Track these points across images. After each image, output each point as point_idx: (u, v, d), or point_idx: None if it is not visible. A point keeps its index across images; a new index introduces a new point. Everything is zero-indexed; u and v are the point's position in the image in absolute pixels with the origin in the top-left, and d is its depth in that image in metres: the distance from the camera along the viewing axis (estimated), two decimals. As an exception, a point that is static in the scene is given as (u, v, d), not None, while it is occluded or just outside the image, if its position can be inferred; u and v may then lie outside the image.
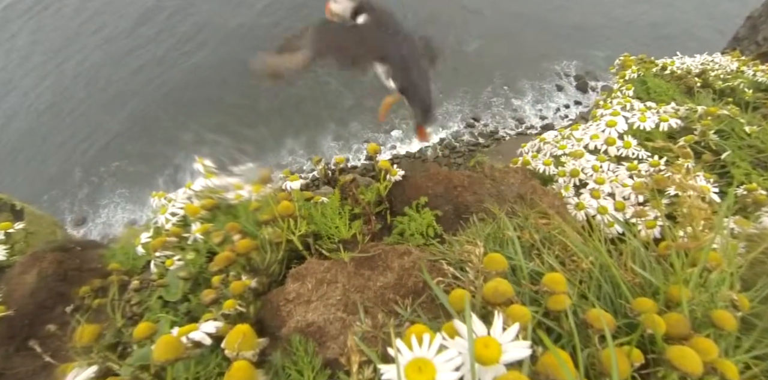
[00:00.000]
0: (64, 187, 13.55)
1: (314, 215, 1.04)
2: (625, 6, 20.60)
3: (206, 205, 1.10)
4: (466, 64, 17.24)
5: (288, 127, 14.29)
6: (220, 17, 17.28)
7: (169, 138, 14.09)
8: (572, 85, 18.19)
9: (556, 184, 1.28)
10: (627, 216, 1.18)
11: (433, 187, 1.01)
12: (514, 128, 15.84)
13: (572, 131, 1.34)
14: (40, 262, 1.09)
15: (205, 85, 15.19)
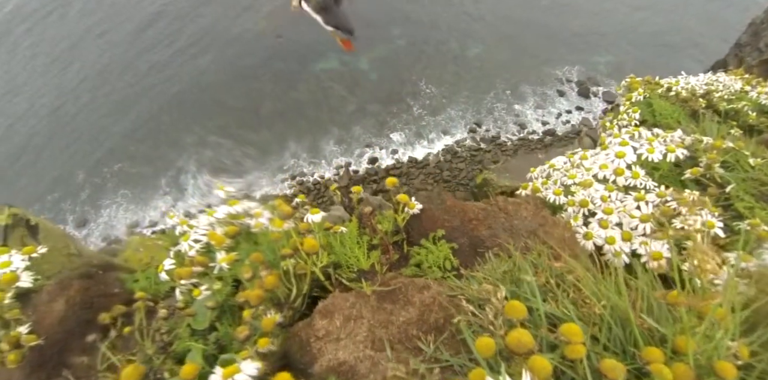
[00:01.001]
0: (67, 189, 13.63)
1: (334, 245, 1.08)
2: (626, 13, 20.75)
3: (229, 233, 1.15)
4: (468, 69, 17.36)
5: (291, 131, 14.38)
6: (224, 22, 17.46)
7: (172, 140, 14.19)
8: (574, 90, 18.27)
9: (565, 213, 1.33)
10: (634, 246, 1.22)
11: (449, 220, 1.05)
12: (516, 133, 15.91)
13: (582, 160, 1.39)
14: (67, 290, 1.13)
15: (208, 89, 15.31)
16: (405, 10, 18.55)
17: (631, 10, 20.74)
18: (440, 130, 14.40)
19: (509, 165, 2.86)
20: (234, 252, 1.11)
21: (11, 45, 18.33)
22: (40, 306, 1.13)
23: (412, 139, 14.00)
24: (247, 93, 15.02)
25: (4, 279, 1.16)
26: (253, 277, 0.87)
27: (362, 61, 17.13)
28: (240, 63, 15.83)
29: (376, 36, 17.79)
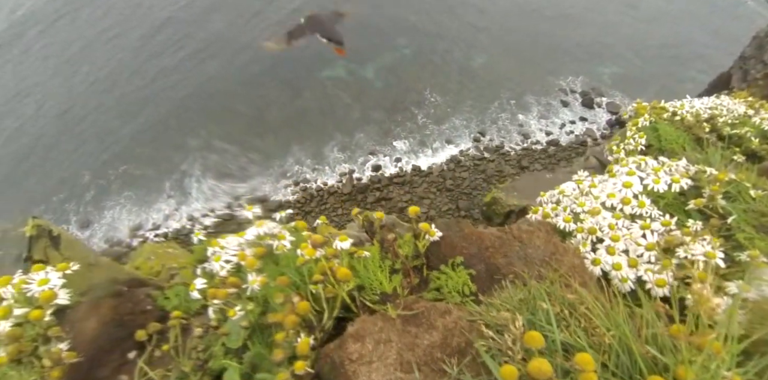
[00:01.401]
0: (72, 190, 13.81)
1: (358, 268, 1.16)
2: (631, 25, 21.08)
3: (258, 254, 1.23)
4: (472, 78, 17.62)
5: (295, 137, 14.58)
6: (233, 29, 17.89)
7: (177, 144, 14.40)
8: (578, 101, 18.46)
9: (574, 239, 1.41)
10: (640, 273, 1.30)
11: (467, 247, 1.13)
12: (519, 143, 16.05)
13: (590, 188, 1.47)
14: (99, 309, 1.20)
15: (215, 95, 15.60)
16: (411, 20, 18.96)
17: (636, 22, 21.08)
18: (444, 139, 14.55)
19: (517, 184, 2.94)
20: (263, 274, 1.19)
21: (23, 47, 18.77)
22: (73, 324, 1.20)
23: (416, 147, 14.15)
24: (254, 99, 15.30)
25: (44, 297, 1.22)
26: (285, 302, 0.95)
27: (368, 69, 17.45)
28: (247, 69, 16.16)
29: (382, 45, 18.15)
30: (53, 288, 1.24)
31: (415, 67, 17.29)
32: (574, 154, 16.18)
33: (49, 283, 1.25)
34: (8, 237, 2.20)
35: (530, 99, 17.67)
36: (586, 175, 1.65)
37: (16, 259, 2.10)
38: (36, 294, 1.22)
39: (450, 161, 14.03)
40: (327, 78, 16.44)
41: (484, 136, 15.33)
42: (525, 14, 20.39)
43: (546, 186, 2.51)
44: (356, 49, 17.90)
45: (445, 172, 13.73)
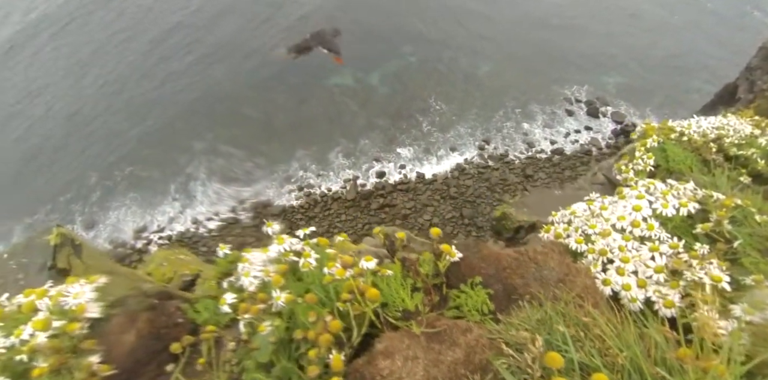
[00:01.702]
0: (79, 190, 13.99)
1: (381, 286, 1.23)
2: (636, 35, 21.28)
3: (281, 270, 1.30)
4: (478, 87, 17.81)
5: (300, 143, 14.77)
6: (243, 35, 18.27)
7: (184, 147, 14.61)
8: (583, 110, 18.55)
9: (585, 260, 1.48)
10: (648, 294, 1.36)
11: (485, 268, 1.20)
12: (524, 152, 16.12)
13: (601, 210, 1.55)
14: (136, 323, 1.26)
15: (223, 99, 15.87)
16: (417, 29, 19.29)
17: (641, 32, 21.29)
18: (449, 147, 14.67)
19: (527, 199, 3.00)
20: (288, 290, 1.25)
21: (35, 48, 19.20)
22: (109, 336, 1.26)
23: (421, 154, 14.26)
24: (261, 104, 15.54)
25: (78, 310, 1.27)
26: (318, 320, 1.02)
27: (374, 76, 17.71)
28: (255, 75, 16.46)
29: (388, 52, 18.45)
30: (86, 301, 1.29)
31: (421, 74, 17.54)
32: (578, 163, 16.21)
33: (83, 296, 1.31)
34: (33, 245, 2.29)
35: (535, 108, 17.82)
36: (597, 196, 1.72)
37: (41, 267, 2.18)
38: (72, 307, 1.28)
39: (454, 169, 14.12)
40: (334, 85, 16.71)
41: (489, 144, 15.44)
42: (530, 24, 20.70)
43: (555, 202, 2.58)
44: (363, 56, 18.21)
45: (449, 179, 13.81)
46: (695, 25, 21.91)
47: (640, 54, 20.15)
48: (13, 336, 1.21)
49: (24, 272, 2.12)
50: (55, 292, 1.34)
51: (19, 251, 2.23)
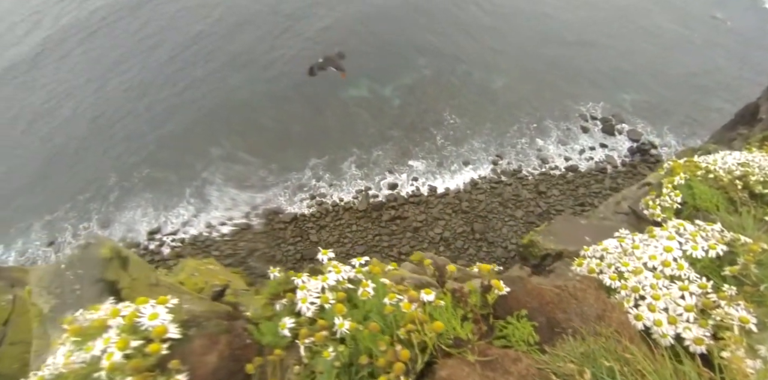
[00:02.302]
0: (98, 190, 14.51)
1: (435, 315, 1.38)
2: (655, 53, 21.34)
3: (339, 298, 1.45)
4: (492, 101, 18.06)
5: (314, 152, 15.13)
6: (263, 45, 19.02)
7: (201, 153, 15.10)
8: (598, 127, 18.56)
9: (618, 295, 1.60)
10: (679, 330, 1.47)
11: (529, 301, 1.35)
12: (537, 167, 16.16)
13: (633, 249, 1.68)
14: (217, 344, 1.37)
15: (241, 107, 16.46)
16: (432, 42, 19.82)
17: (660, 50, 21.36)
18: (462, 161, 14.83)
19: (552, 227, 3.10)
20: (349, 318, 1.40)
21: (64, 52, 20.25)
22: (192, 357, 1.36)
23: (434, 167, 14.45)
24: (277, 113, 16.05)
25: (157, 332, 1.33)
26: (387, 349, 1.16)
27: (387, 88, 18.15)
28: (273, 84, 17.06)
29: (403, 65, 18.94)
30: (164, 323, 1.37)
31: (435, 87, 17.91)
32: (593, 181, 16.15)
33: (158, 318, 1.37)
34: (88, 257, 2.47)
35: (549, 123, 17.92)
36: (627, 233, 1.86)
37: (96, 279, 2.35)
38: (149, 328, 1.36)
39: (467, 183, 14.23)
40: (348, 96, 17.19)
41: (502, 159, 15.55)
42: (544, 39, 21.05)
43: (581, 232, 2.71)
44: (377, 68, 18.72)
45: (462, 193, 13.91)
46: (715, 43, 21.95)
47: (658, 71, 20.20)
48: (84, 350, 1.28)
49: (80, 283, 2.29)
50: (128, 312, 1.42)
51: (76, 262, 2.41)
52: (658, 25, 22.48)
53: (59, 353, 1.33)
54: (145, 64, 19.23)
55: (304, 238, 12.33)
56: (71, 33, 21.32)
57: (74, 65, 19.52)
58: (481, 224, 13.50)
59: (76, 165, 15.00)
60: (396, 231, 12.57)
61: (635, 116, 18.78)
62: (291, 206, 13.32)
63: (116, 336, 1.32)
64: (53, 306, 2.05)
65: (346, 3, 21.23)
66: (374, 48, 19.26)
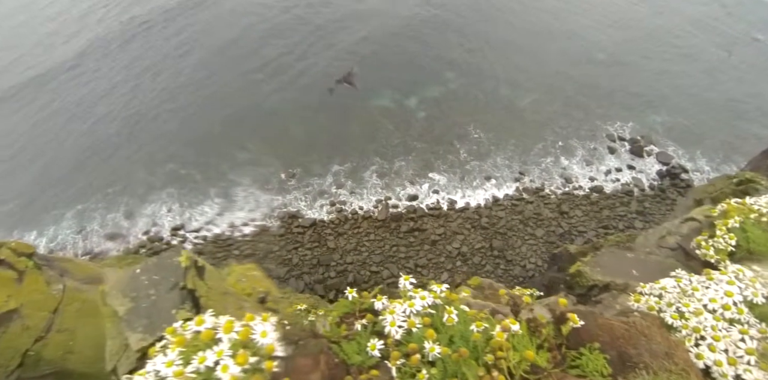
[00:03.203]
0: (127, 184, 15.29)
1: (513, 343, 1.55)
2: (695, 77, 20.82)
3: (426, 323, 1.62)
4: (517, 118, 18.10)
5: (337, 159, 15.53)
6: (293, 55, 19.79)
7: (227, 154, 15.76)
8: (626, 148, 18.23)
9: (678, 333, 1.72)
10: (739, 371, 1.58)
11: (601, 335, 1.49)
12: (560, 187, 15.98)
13: (693, 290, 1.80)
14: (319, 364, 1.45)
15: (268, 113, 17.12)
16: (460, 57, 20.18)
17: (698, 73, 20.81)
18: (484, 176, 14.88)
19: (599, 259, 3.17)
20: (438, 342, 1.55)
21: (105, 53, 21.63)
22: (298, 375, 1.44)
23: (455, 181, 14.56)
24: (302, 120, 16.63)
25: (269, 350, 1.39)
26: (484, 375, 1.33)
27: (412, 100, 18.52)
28: (300, 92, 17.72)
29: (429, 78, 19.32)
30: (274, 341, 1.43)
31: (461, 101, 18.16)
32: (618, 203, 15.82)
33: (268, 336, 1.43)
34: (163, 264, 2.72)
35: (575, 143, 17.78)
36: (683, 273, 1.98)
37: (173, 286, 2.57)
38: (263, 346, 1.42)
39: (488, 199, 14.25)
40: (374, 106, 17.65)
41: (525, 176, 15.49)
42: (575, 58, 21.07)
43: (628, 265, 2.81)
44: (403, 80, 19.14)
45: (482, 209, 13.93)
46: (755, 68, 21.40)
47: (694, 94, 19.76)
48: (197, 361, 1.32)
49: (155, 288, 2.50)
50: (242, 329, 1.45)
51: (151, 268, 2.64)
52: (696, 46, 22.15)
53: (159, 361, 1.38)
54: (178, 68, 20.34)
55: (321, 244, 12.57)
56: (113, 35, 22.80)
57: (113, 66, 20.83)
58: (500, 241, 13.44)
59: (109, 159, 15.90)
60: (414, 243, 12.67)
61: (666, 138, 18.39)
62: (311, 211, 13.65)
63: (229, 350, 1.37)
64: (129, 309, 2.25)
65: (377, 16, 21.99)
66: (402, 61, 19.78)
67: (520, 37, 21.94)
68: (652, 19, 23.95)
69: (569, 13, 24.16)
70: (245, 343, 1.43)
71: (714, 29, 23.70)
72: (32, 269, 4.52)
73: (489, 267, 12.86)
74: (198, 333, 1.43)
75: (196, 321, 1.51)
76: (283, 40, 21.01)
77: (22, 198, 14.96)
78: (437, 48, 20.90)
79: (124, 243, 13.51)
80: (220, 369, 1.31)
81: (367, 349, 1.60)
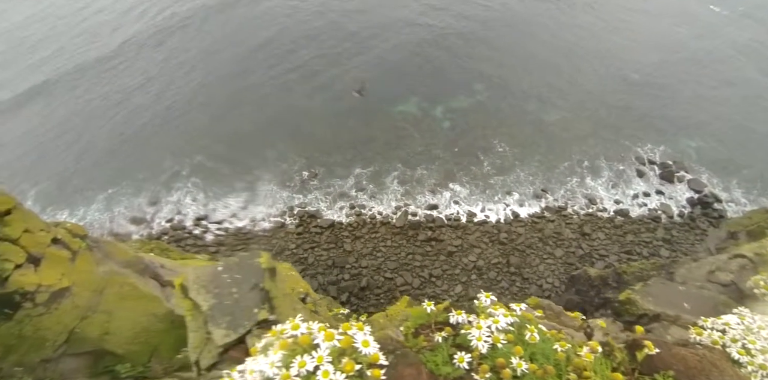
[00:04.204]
0: (155, 171, 15.97)
1: (604, 368, 1.65)
2: (731, 102, 20.05)
3: (509, 339, 1.73)
4: (543, 134, 17.94)
5: (360, 162, 15.80)
6: (324, 60, 20.32)
7: (255, 151, 16.27)
8: (656, 172, 17.71)
9: (744, 369, 1.78)
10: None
11: (675, 364, 1.58)
12: (584, 207, 15.69)
13: (759, 329, 1.86)
14: (421, 374, 1.49)
15: (297, 114, 17.59)
16: (490, 71, 20.27)
17: (743, 101, 19.75)
18: (506, 190, 14.83)
19: (650, 289, 3.17)
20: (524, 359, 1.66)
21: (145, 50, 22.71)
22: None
23: (476, 193, 14.56)
24: (331, 123, 17.04)
25: (373, 358, 1.42)
26: None
27: (438, 109, 18.69)
28: (329, 95, 18.20)
29: (457, 89, 19.46)
30: (377, 351, 1.45)
31: (487, 114, 18.20)
32: (644, 229, 15.40)
33: (371, 346, 1.46)
34: (244, 264, 2.87)
35: (602, 163, 17.46)
36: (746, 311, 2.04)
37: (253, 286, 2.70)
38: (368, 354, 1.45)
39: (508, 214, 14.18)
40: (399, 112, 17.91)
41: (548, 194, 15.32)
42: (608, 78, 20.81)
43: (680, 297, 2.85)
44: (430, 88, 19.34)
45: (501, 224, 13.85)
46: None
47: (734, 122, 19.09)
48: (297, 366, 1.36)
49: (237, 287, 2.62)
50: (344, 338, 1.47)
51: (233, 267, 2.77)
52: (739, 72, 21.54)
53: (262, 361, 1.43)
54: (213, 64, 21.19)
55: (338, 246, 12.77)
56: (153, 31, 23.97)
57: (151, 59, 21.88)
58: (517, 258, 13.32)
59: (144, 147, 16.66)
60: (430, 252, 12.71)
61: (700, 165, 17.81)
62: (330, 212, 13.90)
63: (328, 356, 1.41)
64: (212, 305, 2.41)
65: (410, 26, 22.41)
66: (431, 70, 20.05)
67: (551, 53, 21.91)
68: (692, 41, 23.49)
69: (605, 32, 23.97)
70: (343, 350, 1.46)
71: (759, 55, 22.99)
72: (84, 250, 4.83)
73: (504, 283, 12.75)
74: (295, 337, 1.50)
75: (292, 325, 1.56)
76: (317, 43, 21.64)
77: (57, 179, 15.83)
78: (467, 59, 21.09)
79: (147, 229, 14.07)
80: (321, 375, 1.33)
81: (454, 361, 1.67)
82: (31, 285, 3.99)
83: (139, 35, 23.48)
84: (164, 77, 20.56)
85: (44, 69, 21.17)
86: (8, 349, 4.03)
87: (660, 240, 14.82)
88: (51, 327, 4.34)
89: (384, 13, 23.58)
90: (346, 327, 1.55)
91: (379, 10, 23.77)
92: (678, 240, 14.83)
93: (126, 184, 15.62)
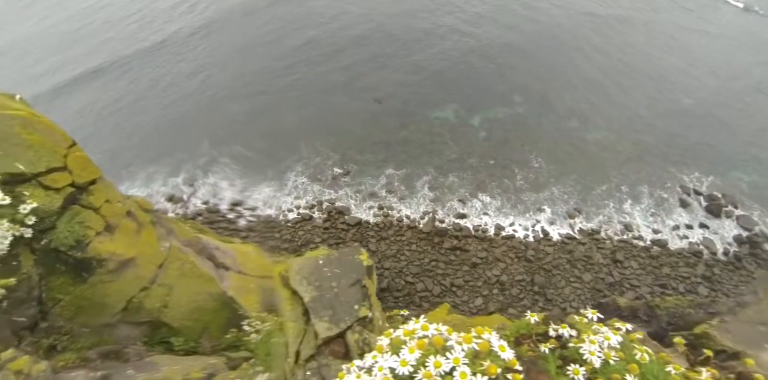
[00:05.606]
0: (194, 154, 16.80)
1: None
2: None
3: (621, 357, 1.72)
4: (582, 153, 17.30)
5: (392, 163, 15.89)
6: (370, 63, 20.59)
7: (291, 144, 16.75)
8: (701, 204, 16.55)
9: None
10: None
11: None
12: (618, 233, 14.92)
13: None
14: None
15: (336, 112, 17.96)
16: (532, 84, 19.85)
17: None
18: (537, 207, 14.42)
19: (729, 326, 3.03)
20: None
21: (195, 40, 23.92)
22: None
23: (507, 207, 14.27)
24: (366, 122, 17.28)
25: (512, 363, 1.44)
26: None
27: (475, 117, 18.49)
28: (366, 96, 18.46)
29: (496, 99, 19.18)
30: (514, 356, 1.46)
31: (525, 127, 17.82)
32: (682, 263, 14.46)
33: (507, 351, 1.48)
34: (345, 260, 2.98)
35: (643, 189, 16.58)
36: None
37: (354, 282, 2.81)
38: (507, 359, 1.48)
39: (537, 231, 13.80)
40: (435, 117, 17.90)
41: (581, 215, 14.74)
42: (656, 101, 19.80)
43: (761, 338, 2.70)
44: (470, 98, 19.11)
45: (530, 241, 13.49)
46: None
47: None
48: (433, 366, 1.37)
49: (337, 281, 2.73)
50: (458, 338, 1.51)
51: (333, 261, 2.87)
52: (808, 107, 20.00)
53: (392, 359, 1.47)
54: (258, 59, 21.97)
55: (362, 244, 12.87)
56: (203, 22, 25.16)
57: (201, 49, 23.00)
58: (542, 277, 12.93)
59: (185, 131, 17.54)
60: (454, 261, 12.59)
61: (752, 200, 16.57)
62: (358, 210, 14.06)
63: (464, 358, 1.43)
64: (313, 297, 2.52)
65: (454, 34, 22.39)
66: (472, 78, 19.91)
67: (597, 70, 21.21)
68: (756, 68, 22.05)
69: (658, 51, 22.93)
70: (477, 353, 1.48)
71: (833, 89, 21.28)
72: (149, 224, 5.16)
73: (526, 301, 12.41)
74: (427, 337, 1.53)
75: (422, 326, 1.60)
76: (362, 46, 22.02)
77: (106, 154, 16.96)
78: (509, 71, 20.80)
79: (183, 208, 14.77)
80: (458, 376, 1.34)
81: (568, 372, 1.67)
82: (107, 252, 4.30)
83: (188, 27, 24.78)
84: (210, 67, 21.60)
85: (101, 53, 22.78)
86: (79, 310, 4.34)
87: (699, 277, 13.93)
88: (112, 295, 4.64)
89: (430, 19, 23.70)
90: (480, 332, 1.58)
91: (425, 16, 23.92)
92: (720, 280, 13.87)
93: (165, 163, 16.50)
